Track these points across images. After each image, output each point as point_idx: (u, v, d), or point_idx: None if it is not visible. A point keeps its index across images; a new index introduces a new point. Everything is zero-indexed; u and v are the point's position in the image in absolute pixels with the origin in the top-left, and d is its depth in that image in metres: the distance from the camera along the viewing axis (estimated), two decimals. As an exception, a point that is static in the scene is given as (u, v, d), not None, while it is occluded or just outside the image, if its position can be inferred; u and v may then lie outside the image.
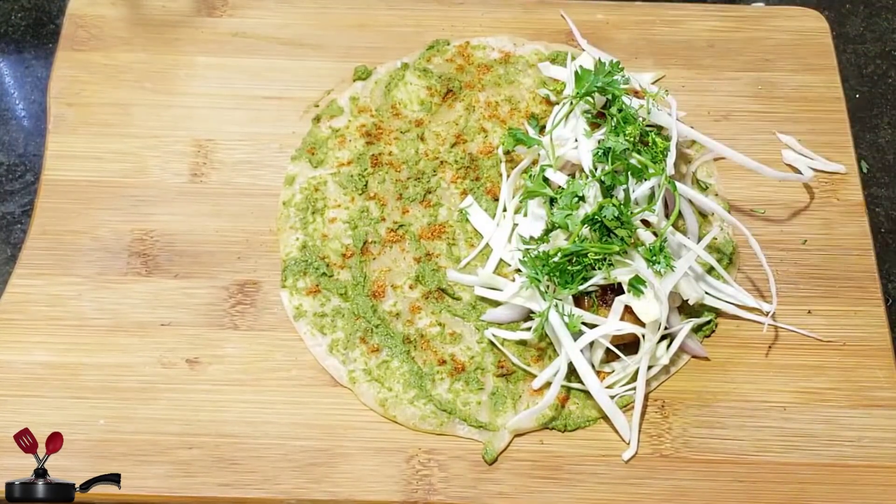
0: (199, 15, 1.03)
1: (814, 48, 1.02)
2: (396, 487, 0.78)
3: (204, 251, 0.89)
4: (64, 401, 0.81)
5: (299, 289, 0.87)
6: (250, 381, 0.83)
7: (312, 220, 0.90)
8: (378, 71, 1.00)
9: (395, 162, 0.94)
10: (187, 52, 1.00)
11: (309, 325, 0.85)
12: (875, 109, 1.04)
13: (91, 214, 0.90)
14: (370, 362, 0.83)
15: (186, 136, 0.95)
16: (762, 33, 1.03)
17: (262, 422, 0.81)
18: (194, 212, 0.91)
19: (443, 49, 1.01)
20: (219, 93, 0.98)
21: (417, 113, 0.97)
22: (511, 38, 1.02)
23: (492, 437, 0.80)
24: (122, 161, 0.94)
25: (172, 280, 0.87)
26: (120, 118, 0.96)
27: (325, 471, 0.79)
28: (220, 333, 0.85)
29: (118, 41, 1.01)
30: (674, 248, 0.83)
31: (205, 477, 0.78)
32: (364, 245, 0.89)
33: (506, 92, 0.98)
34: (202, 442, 0.80)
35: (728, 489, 0.78)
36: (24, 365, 0.83)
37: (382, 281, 0.87)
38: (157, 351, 0.84)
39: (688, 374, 0.84)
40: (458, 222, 0.91)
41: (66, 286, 0.87)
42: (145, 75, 0.99)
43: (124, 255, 0.88)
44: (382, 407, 0.82)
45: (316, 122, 0.97)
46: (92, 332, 0.85)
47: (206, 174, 0.93)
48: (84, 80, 0.98)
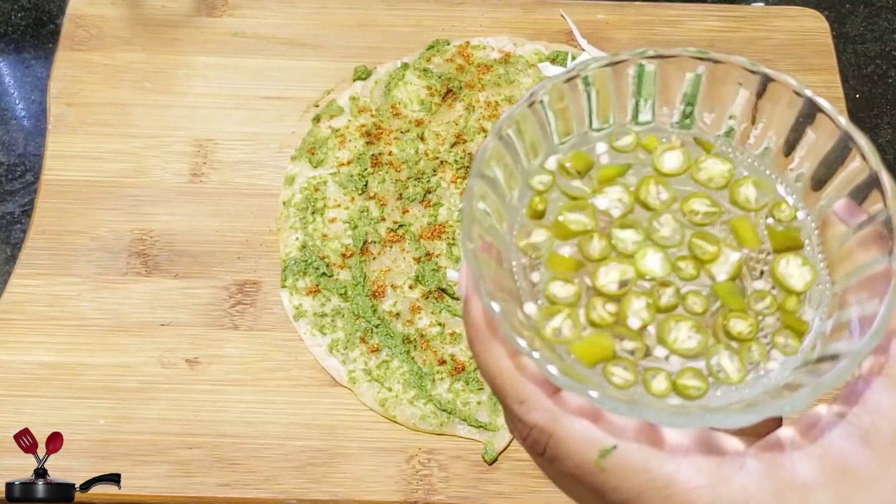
0: (198, 15, 1.03)
1: (813, 48, 1.02)
2: (396, 487, 0.78)
3: (204, 251, 0.89)
4: (64, 401, 0.81)
5: (299, 289, 0.87)
6: (250, 381, 0.83)
7: (312, 220, 0.90)
8: (378, 71, 1.00)
9: (395, 162, 0.94)
10: (187, 52, 1.00)
11: (309, 325, 0.85)
12: (875, 109, 1.03)
13: (91, 214, 0.91)
14: (370, 362, 0.83)
15: (186, 135, 0.95)
16: (762, 33, 1.03)
17: (261, 422, 0.81)
18: (194, 212, 0.91)
19: (443, 49, 1.01)
20: (219, 93, 0.98)
21: (417, 113, 0.97)
22: (511, 38, 1.02)
23: (492, 437, 0.80)
24: (122, 161, 0.94)
25: (172, 280, 0.87)
26: (120, 118, 0.96)
27: (325, 471, 0.79)
28: (220, 333, 0.85)
29: (118, 41, 1.01)
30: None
31: (204, 477, 0.78)
32: (364, 245, 0.89)
33: (506, 92, 0.98)
34: (202, 442, 0.80)
35: (728, 489, 0.78)
36: (24, 365, 0.83)
37: (382, 281, 0.87)
38: (156, 351, 0.84)
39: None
40: (459, 222, 0.91)
41: (66, 286, 0.87)
42: (145, 75, 0.99)
43: (124, 255, 0.88)
44: (382, 407, 0.82)
45: (316, 122, 0.97)
46: (91, 332, 0.85)
47: (205, 174, 0.93)
48: (84, 80, 0.98)
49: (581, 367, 0.38)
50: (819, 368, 0.36)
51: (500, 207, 0.41)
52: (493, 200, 0.41)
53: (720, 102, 0.43)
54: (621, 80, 0.43)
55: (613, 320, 0.39)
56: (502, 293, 0.39)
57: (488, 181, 0.40)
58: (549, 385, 0.37)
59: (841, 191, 0.40)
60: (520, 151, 0.42)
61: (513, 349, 0.37)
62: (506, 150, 0.41)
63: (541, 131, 0.43)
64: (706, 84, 0.42)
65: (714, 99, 0.43)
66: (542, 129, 0.43)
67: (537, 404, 0.37)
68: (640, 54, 0.42)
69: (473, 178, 0.40)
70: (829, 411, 0.35)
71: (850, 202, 0.40)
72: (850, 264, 0.39)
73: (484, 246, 0.39)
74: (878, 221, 0.38)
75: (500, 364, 0.38)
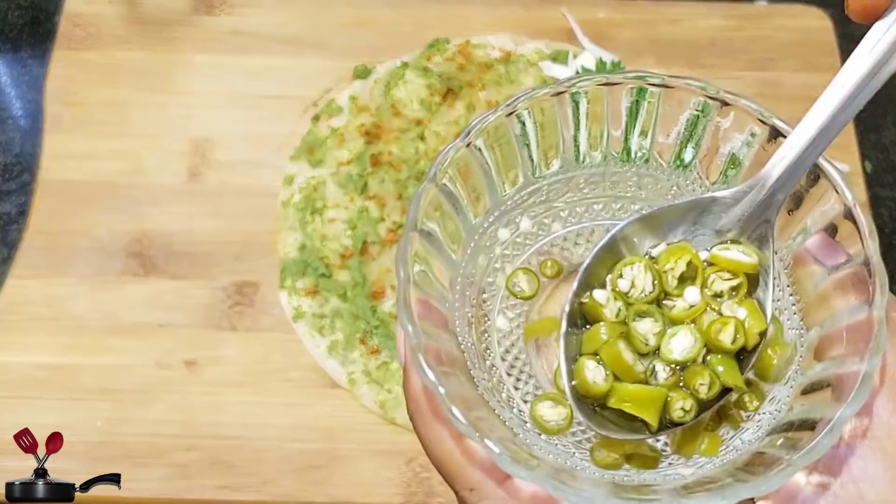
0: (196, 13, 1.02)
1: (817, 47, 1.01)
2: (396, 490, 0.78)
3: (202, 252, 0.88)
4: (61, 402, 0.81)
5: (298, 289, 0.86)
6: (249, 383, 0.82)
7: (311, 221, 0.90)
8: (378, 70, 0.99)
9: (394, 162, 0.93)
10: (185, 51, 1.00)
11: (308, 327, 0.85)
12: (879, 109, 1.03)
13: (88, 214, 0.90)
14: (370, 364, 0.83)
15: (184, 135, 0.95)
16: (765, 32, 1.02)
17: (260, 424, 0.80)
18: (192, 212, 0.90)
19: (443, 48, 1.00)
20: (217, 92, 0.97)
21: (417, 112, 0.96)
22: (512, 37, 1.01)
23: (492, 440, 0.80)
24: (120, 161, 0.93)
25: (170, 281, 0.87)
26: (117, 117, 0.95)
27: (325, 473, 0.78)
28: (219, 335, 0.84)
29: (115, 40, 1.00)
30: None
31: (203, 479, 0.78)
32: (363, 245, 0.88)
33: (507, 91, 0.97)
34: (200, 444, 0.79)
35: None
36: (22, 366, 0.82)
37: (382, 282, 0.87)
38: (154, 352, 0.83)
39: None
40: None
41: (63, 287, 0.86)
42: (143, 74, 0.98)
43: (121, 256, 0.88)
44: (382, 409, 0.81)
45: (315, 122, 0.96)
46: (89, 333, 0.84)
47: (203, 174, 0.93)
48: (81, 79, 0.97)
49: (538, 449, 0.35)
50: (797, 438, 0.33)
51: (441, 263, 0.37)
52: (433, 256, 0.36)
53: (674, 122, 0.40)
54: (564, 108, 0.39)
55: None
56: (448, 365, 0.35)
57: (425, 236, 0.36)
58: (498, 470, 0.34)
59: (815, 225, 0.37)
60: (461, 199, 0.38)
61: (457, 431, 0.33)
62: (445, 198, 0.37)
63: (483, 175, 0.38)
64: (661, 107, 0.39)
65: (670, 122, 0.40)
66: (484, 172, 0.39)
67: (487, 492, 0.34)
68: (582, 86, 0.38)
69: (409, 230, 0.35)
70: (809, 482, 0.32)
71: (825, 238, 0.37)
72: (826, 311, 0.36)
73: (423, 311, 0.35)
74: (855, 263, 0.35)
75: (445, 447, 0.35)
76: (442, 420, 0.35)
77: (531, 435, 0.36)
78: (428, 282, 0.36)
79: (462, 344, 0.37)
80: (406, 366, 0.36)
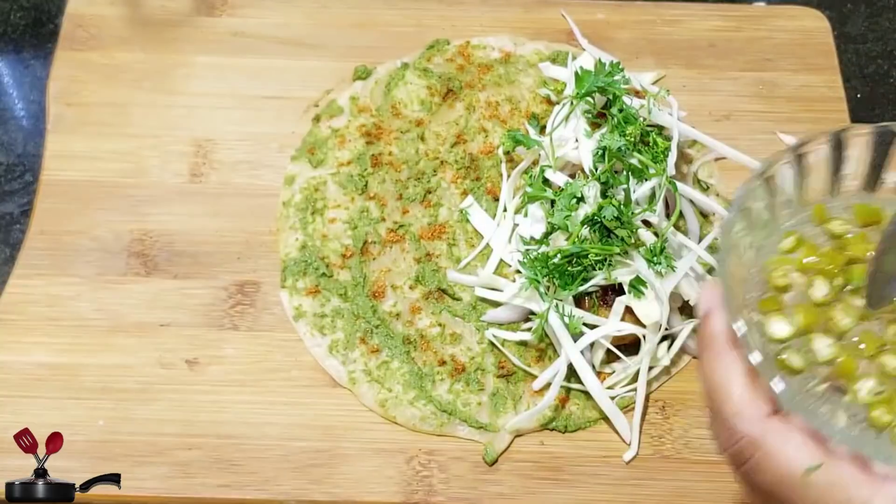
0: (198, 14, 1.03)
1: (815, 48, 1.01)
2: (396, 488, 0.78)
3: (203, 251, 0.89)
4: (63, 401, 0.81)
5: (299, 289, 0.87)
6: (250, 382, 0.82)
7: (312, 221, 0.90)
8: (378, 70, 0.99)
9: (395, 162, 0.93)
10: (186, 52, 1.00)
11: (309, 326, 0.85)
12: (876, 109, 1.03)
13: (90, 215, 0.90)
14: (370, 363, 0.83)
15: (186, 135, 0.95)
16: (763, 33, 1.03)
17: (261, 423, 0.81)
18: (194, 212, 0.91)
19: (443, 48, 1.01)
20: (218, 92, 0.98)
21: (417, 113, 0.97)
22: (511, 38, 1.02)
23: (492, 438, 0.80)
24: (122, 161, 0.93)
25: (172, 280, 0.87)
26: (119, 118, 0.96)
27: (325, 472, 0.79)
28: (220, 334, 0.85)
29: (117, 41, 1.00)
30: (675, 248, 0.82)
31: (204, 478, 0.78)
32: (364, 245, 0.89)
33: (506, 91, 0.97)
34: (201, 443, 0.80)
35: (729, 490, 0.78)
36: (23, 365, 0.83)
37: (382, 281, 0.87)
38: (156, 351, 0.84)
39: (689, 375, 0.83)
40: (459, 222, 0.90)
41: (65, 286, 0.86)
42: (144, 75, 0.98)
43: (123, 256, 0.88)
44: (382, 408, 0.81)
45: (316, 122, 0.96)
46: (91, 332, 0.84)
47: (205, 174, 0.93)
48: (83, 80, 0.98)
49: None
50: None
51: (749, 250, 0.48)
52: (747, 236, 0.48)
53: None
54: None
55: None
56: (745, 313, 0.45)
57: (747, 215, 0.48)
58: (767, 407, 0.42)
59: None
60: (776, 202, 0.50)
61: (748, 368, 0.43)
62: (767, 194, 0.49)
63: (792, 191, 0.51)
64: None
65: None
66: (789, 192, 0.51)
67: (753, 418, 0.42)
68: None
69: (734, 210, 0.47)
70: None
71: None
72: None
73: (732, 271, 0.46)
74: None
75: (727, 375, 0.43)
76: (734, 354, 0.43)
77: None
78: (741, 251, 0.48)
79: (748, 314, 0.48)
80: (709, 310, 0.46)
